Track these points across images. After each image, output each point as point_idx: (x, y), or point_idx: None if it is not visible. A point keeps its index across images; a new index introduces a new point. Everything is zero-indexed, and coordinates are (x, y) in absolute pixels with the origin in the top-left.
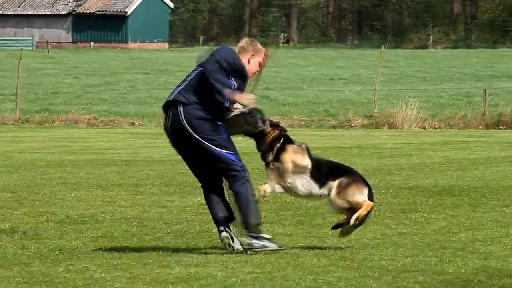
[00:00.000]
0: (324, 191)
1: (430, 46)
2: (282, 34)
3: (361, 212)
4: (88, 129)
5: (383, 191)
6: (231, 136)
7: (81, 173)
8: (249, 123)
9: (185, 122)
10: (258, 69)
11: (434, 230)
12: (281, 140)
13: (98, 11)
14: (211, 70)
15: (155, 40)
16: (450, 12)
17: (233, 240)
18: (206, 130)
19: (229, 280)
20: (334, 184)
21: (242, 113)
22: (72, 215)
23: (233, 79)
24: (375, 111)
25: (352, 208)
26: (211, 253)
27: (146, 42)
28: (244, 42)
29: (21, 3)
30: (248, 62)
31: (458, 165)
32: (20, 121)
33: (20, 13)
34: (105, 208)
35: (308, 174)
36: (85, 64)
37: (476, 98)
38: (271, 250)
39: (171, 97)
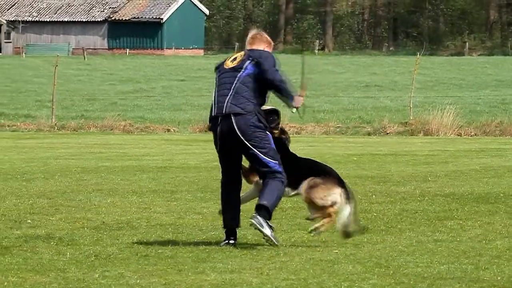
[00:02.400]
0: (298, 191)
1: (466, 53)
2: (318, 41)
3: (321, 225)
4: (123, 136)
5: (418, 198)
6: None
7: (117, 180)
8: (270, 123)
9: (239, 131)
10: None
11: (470, 238)
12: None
13: (134, 18)
14: (282, 80)
15: (191, 47)
16: (486, 19)
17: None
18: (257, 138)
19: (264, 287)
20: (305, 181)
21: (264, 111)
22: (108, 221)
23: None
24: (411, 118)
25: (324, 207)
26: (246, 260)
27: (181, 48)
28: (256, 32)
29: (58, 10)
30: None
31: (494, 172)
32: (56, 128)
33: (56, 20)
34: (140, 214)
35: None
36: (120, 71)
37: None
38: (264, 235)
39: (224, 110)
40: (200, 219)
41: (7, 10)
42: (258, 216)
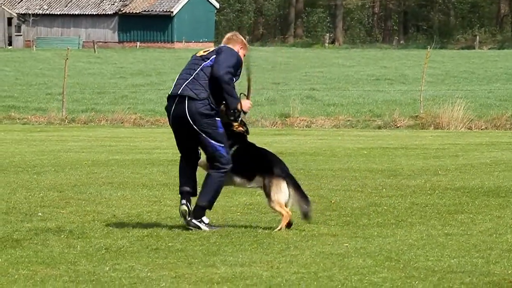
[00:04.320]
0: (253, 184)
1: (477, 46)
2: (328, 34)
3: (281, 226)
4: (134, 129)
5: (429, 192)
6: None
7: (127, 173)
8: (230, 115)
9: (189, 116)
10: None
11: (481, 231)
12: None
13: (144, 11)
14: (227, 82)
15: (201, 40)
16: (497, 13)
17: (189, 215)
18: (205, 124)
19: (274, 280)
20: (260, 181)
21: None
22: (118, 214)
23: (235, 77)
24: (421, 111)
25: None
26: (256, 253)
27: (191, 42)
28: (232, 33)
29: (68, 3)
30: (238, 52)
31: (504, 166)
32: (66, 121)
33: (66, 13)
34: (151, 207)
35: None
36: (131, 64)
37: None
38: (202, 229)
39: (179, 91)
40: (210, 212)
41: (18, 3)
42: (192, 221)
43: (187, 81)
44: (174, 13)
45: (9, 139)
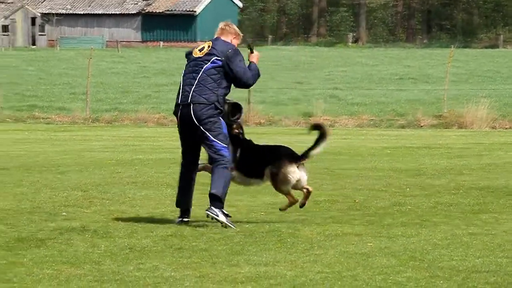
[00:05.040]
0: (265, 179)
1: (501, 45)
2: (351, 33)
3: (284, 206)
4: (157, 128)
5: (453, 191)
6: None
7: (151, 172)
8: (230, 118)
9: (194, 118)
10: None
11: (505, 231)
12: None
13: (167, 10)
14: (253, 83)
15: None
16: None
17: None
18: (209, 122)
19: (298, 279)
20: (266, 173)
21: (230, 105)
22: (142, 213)
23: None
24: (445, 110)
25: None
26: (280, 253)
27: None
28: (224, 24)
29: (91, 2)
30: (231, 42)
31: None
32: (90, 120)
33: (90, 12)
34: (174, 207)
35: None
36: (154, 63)
37: None
38: (221, 222)
39: (189, 99)
40: (234, 212)
41: (41, 3)
42: (212, 208)
43: (193, 87)
44: (197, 13)
45: (33, 139)
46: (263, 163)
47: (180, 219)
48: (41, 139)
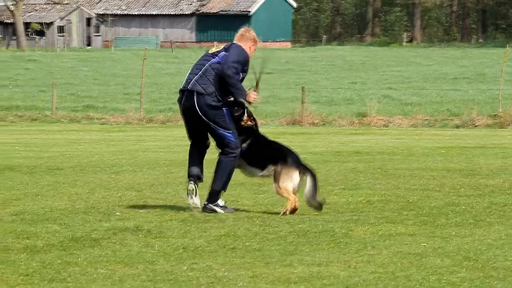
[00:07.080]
0: (265, 172)
1: None
2: (405, 33)
3: (287, 208)
4: None
5: (508, 191)
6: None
7: (204, 172)
8: (234, 112)
9: (198, 108)
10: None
11: None
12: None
13: (222, 11)
14: (230, 76)
15: (278, 40)
16: None
17: (195, 195)
18: (213, 114)
19: (351, 280)
20: (272, 169)
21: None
22: (196, 213)
23: (241, 73)
24: (500, 110)
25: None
26: (333, 253)
27: (268, 41)
28: (244, 30)
29: (146, 3)
30: (249, 49)
31: None
32: (144, 121)
33: (144, 13)
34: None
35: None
36: None
37: None
38: (218, 212)
39: (189, 85)
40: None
41: (96, 3)
42: (208, 205)
43: (197, 76)
44: (252, 13)
45: (88, 139)
46: (268, 158)
47: (192, 182)
48: (96, 139)
